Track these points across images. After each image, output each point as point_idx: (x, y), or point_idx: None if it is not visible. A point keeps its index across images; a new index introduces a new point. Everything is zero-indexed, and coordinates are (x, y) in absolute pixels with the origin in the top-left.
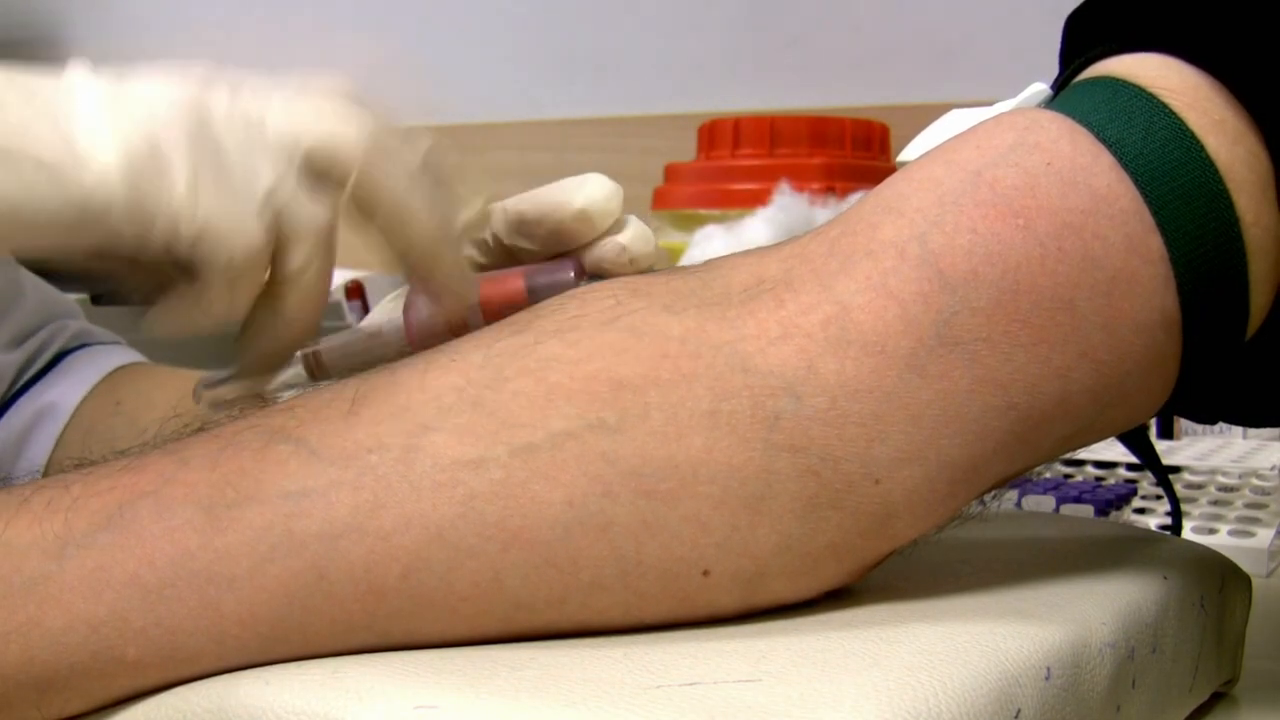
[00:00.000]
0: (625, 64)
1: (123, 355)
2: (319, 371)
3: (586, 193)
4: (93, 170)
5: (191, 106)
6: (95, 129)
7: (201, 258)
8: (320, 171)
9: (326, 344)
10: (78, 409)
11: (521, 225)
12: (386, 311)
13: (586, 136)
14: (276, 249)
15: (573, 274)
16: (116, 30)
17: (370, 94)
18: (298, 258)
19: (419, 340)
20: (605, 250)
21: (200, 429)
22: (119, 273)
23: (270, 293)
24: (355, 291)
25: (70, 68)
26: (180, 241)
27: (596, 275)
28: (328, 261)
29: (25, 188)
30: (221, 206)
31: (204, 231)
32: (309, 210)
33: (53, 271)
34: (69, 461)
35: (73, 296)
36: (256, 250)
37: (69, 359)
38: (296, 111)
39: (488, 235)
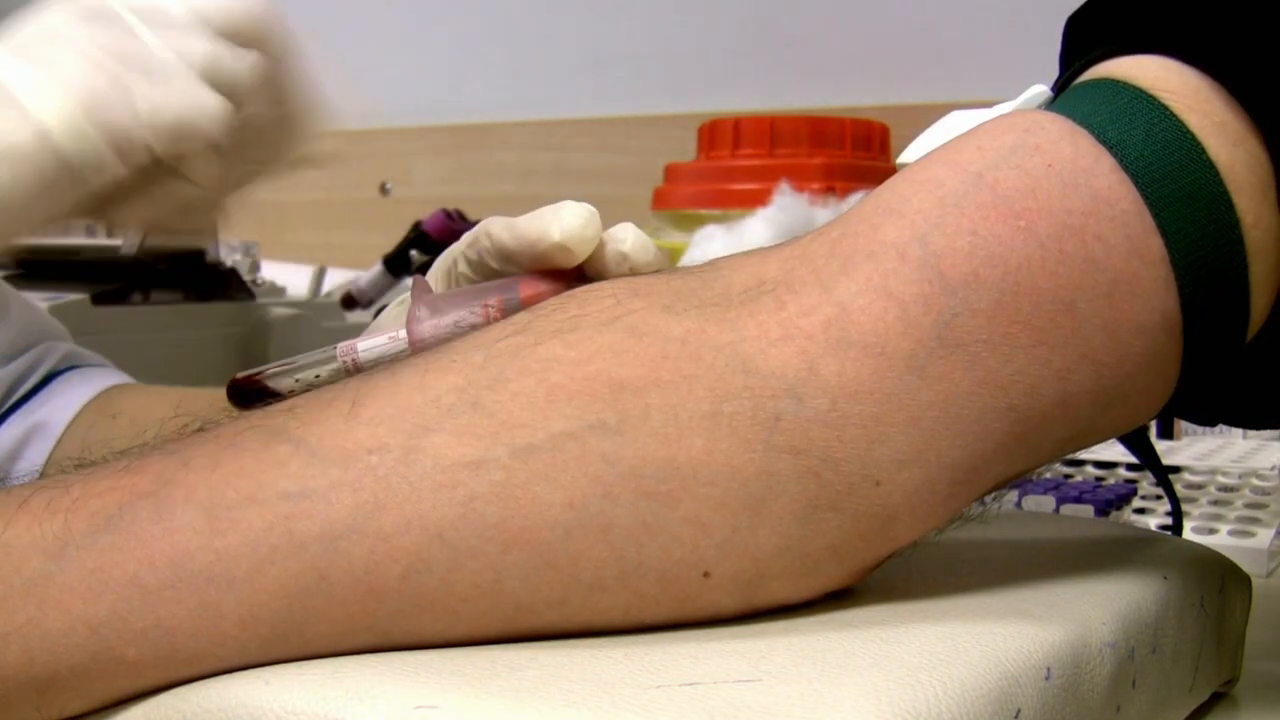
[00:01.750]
0: (625, 64)
1: (113, 377)
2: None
3: (563, 225)
4: (52, 123)
5: (100, 28)
6: (34, 91)
7: (181, 147)
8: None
9: (365, 350)
10: (69, 427)
11: (503, 253)
12: (393, 315)
13: (586, 136)
14: (236, 103)
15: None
16: None
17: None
18: (260, 101)
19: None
20: (606, 259)
21: (200, 429)
22: (116, 208)
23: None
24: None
25: None
26: (159, 141)
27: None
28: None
29: (7, 175)
30: (173, 95)
31: (171, 125)
32: (245, 60)
33: (52, 268)
34: (69, 462)
35: (72, 297)
36: (220, 117)
37: (59, 379)
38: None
39: (477, 254)
